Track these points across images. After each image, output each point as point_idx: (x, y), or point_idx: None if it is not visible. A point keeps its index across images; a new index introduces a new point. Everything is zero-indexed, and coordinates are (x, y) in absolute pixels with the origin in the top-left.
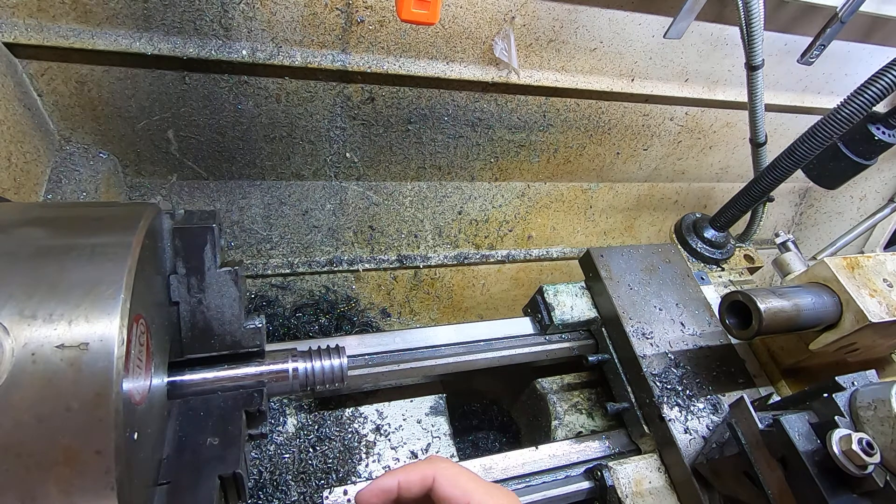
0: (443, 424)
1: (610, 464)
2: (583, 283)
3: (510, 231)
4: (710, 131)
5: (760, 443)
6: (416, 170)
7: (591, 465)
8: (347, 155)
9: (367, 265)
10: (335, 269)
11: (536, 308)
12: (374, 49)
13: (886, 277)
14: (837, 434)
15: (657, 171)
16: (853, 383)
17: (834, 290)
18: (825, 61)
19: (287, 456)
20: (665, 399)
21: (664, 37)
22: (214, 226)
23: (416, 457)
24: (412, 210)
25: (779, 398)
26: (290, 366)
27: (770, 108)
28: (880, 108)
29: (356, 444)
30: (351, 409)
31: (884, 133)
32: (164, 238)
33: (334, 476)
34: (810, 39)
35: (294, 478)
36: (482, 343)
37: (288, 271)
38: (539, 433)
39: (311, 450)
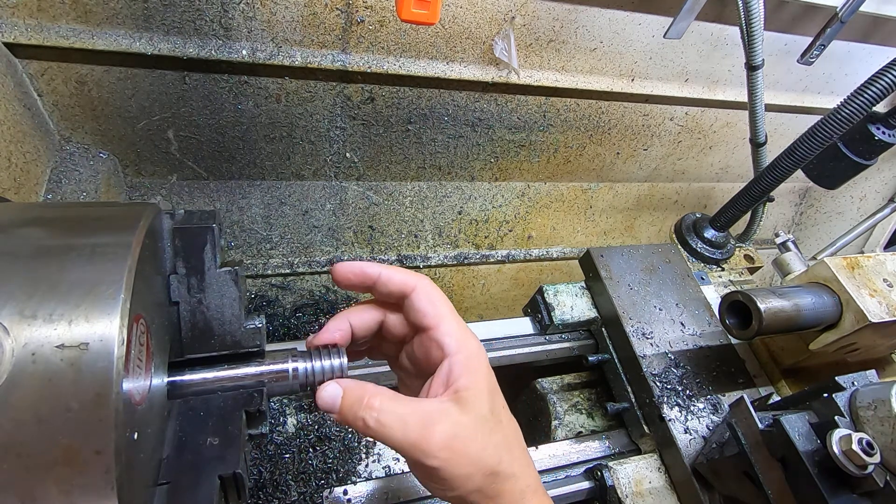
0: None
1: (610, 464)
2: (583, 283)
3: (510, 231)
4: (710, 131)
5: (760, 443)
6: (416, 170)
7: (591, 465)
8: (347, 155)
9: None
10: None
11: (536, 308)
12: (374, 49)
13: (886, 277)
14: (837, 434)
15: (657, 171)
16: (853, 383)
17: (834, 290)
18: (825, 61)
19: (287, 456)
20: (665, 399)
21: (664, 37)
22: (214, 226)
23: None
24: (412, 210)
25: (779, 398)
26: (290, 366)
27: (770, 108)
28: (880, 108)
29: (356, 444)
30: None
31: (884, 133)
32: (164, 238)
33: (334, 476)
34: (810, 39)
35: (294, 478)
36: (482, 343)
37: (288, 271)
38: (539, 433)
39: (311, 450)
